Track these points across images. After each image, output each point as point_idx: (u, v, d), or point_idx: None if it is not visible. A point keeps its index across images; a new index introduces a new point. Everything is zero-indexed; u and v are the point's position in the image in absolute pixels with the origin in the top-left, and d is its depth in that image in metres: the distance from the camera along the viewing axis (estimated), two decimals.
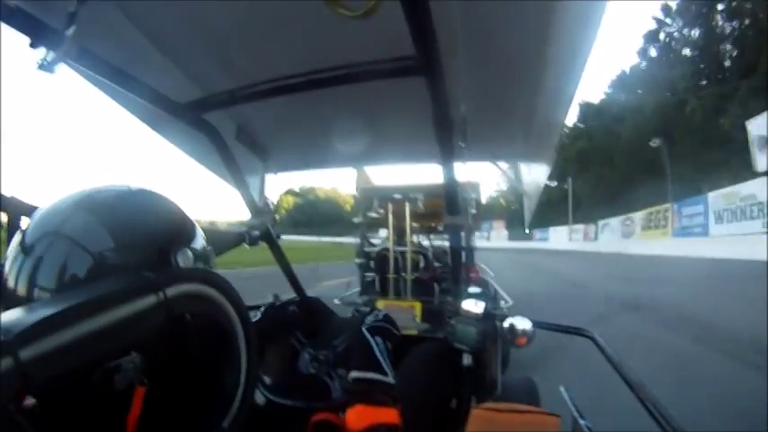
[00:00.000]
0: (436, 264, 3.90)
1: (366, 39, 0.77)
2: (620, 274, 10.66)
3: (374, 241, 4.62)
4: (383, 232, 4.76)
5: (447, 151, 0.93)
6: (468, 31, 0.83)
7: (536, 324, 1.03)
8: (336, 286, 5.72)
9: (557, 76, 0.98)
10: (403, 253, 3.77)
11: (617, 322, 5.15)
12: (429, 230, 5.00)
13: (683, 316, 5.36)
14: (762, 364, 3.23)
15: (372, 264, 4.00)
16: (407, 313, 3.35)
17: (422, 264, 3.85)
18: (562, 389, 1.05)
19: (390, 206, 3.85)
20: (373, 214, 3.98)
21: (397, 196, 3.71)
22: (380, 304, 3.52)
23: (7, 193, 0.53)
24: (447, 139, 0.89)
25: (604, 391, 1.61)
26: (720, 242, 13.61)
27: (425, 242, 4.79)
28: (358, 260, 4.17)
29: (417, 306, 3.42)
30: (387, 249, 3.88)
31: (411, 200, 3.64)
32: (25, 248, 0.40)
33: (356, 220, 4.20)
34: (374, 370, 0.65)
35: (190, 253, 0.46)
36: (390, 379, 0.65)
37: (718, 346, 3.97)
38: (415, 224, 3.99)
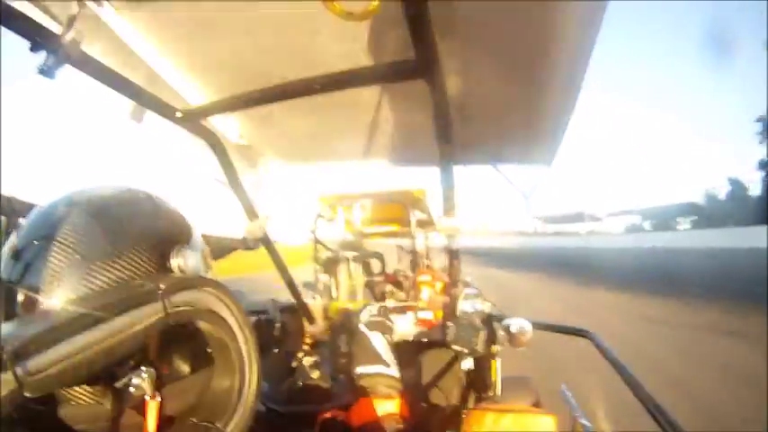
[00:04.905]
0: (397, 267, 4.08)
1: (366, 42, 0.77)
2: None
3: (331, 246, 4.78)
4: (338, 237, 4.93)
5: (446, 153, 0.93)
6: (467, 32, 0.82)
7: (535, 325, 1.03)
8: None
9: (558, 77, 0.97)
10: (356, 257, 3.85)
11: None
12: (386, 235, 5.16)
13: None
14: None
15: (324, 268, 4.11)
16: None
17: (376, 268, 4.07)
18: (563, 387, 1.05)
19: (342, 212, 3.95)
20: (325, 220, 4.11)
21: (345, 203, 3.84)
22: (333, 306, 3.61)
23: (7, 193, 0.53)
24: (446, 141, 0.89)
25: None
26: None
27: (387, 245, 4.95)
28: (314, 265, 4.27)
29: None
30: (338, 254, 3.97)
31: (363, 206, 3.75)
32: (19, 250, 0.39)
33: (311, 228, 4.29)
34: (377, 363, 0.66)
35: (188, 255, 0.45)
36: (393, 371, 0.66)
37: None
38: (368, 229, 4.08)
